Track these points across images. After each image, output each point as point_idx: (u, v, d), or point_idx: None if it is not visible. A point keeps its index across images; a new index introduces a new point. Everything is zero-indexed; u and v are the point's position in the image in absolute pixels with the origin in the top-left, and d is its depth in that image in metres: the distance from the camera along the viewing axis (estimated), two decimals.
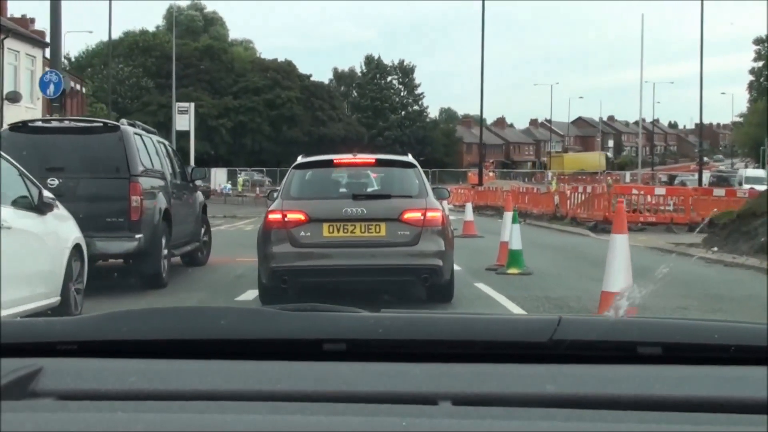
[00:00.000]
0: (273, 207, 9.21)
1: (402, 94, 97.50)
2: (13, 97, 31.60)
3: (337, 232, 8.92)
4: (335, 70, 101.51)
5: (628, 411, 1.22)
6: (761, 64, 76.47)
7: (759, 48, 76.43)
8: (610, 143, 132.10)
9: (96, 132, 10.74)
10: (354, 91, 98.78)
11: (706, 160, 68.70)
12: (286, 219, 8.90)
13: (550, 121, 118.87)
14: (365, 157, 10.07)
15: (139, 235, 10.27)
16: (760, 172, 49.16)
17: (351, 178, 10.29)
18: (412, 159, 10.01)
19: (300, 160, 9.96)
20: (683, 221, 22.48)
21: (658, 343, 1.49)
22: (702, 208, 23.24)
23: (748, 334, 1.52)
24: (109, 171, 10.33)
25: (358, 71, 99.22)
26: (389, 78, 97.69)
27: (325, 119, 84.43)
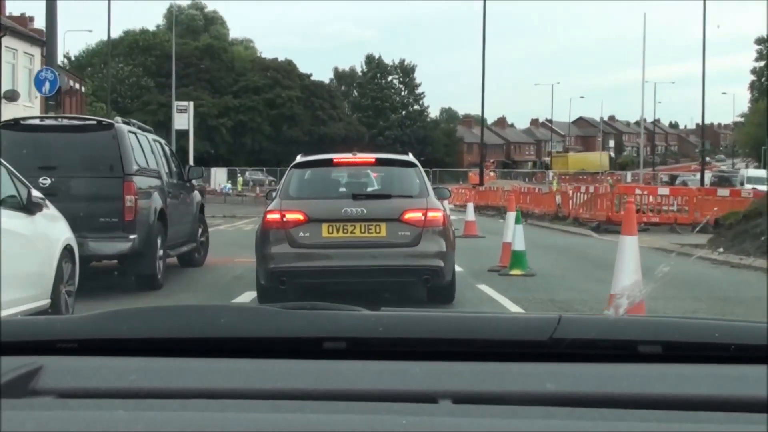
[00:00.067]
0: (271, 207, 9.08)
1: (402, 93, 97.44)
2: (11, 96, 31.41)
3: (337, 232, 8.79)
4: (336, 70, 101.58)
5: (628, 409, 1.21)
6: (763, 64, 76.28)
7: (761, 48, 76.22)
8: (611, 143, 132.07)
9: (90, 130, 10.51)
10: (354, 90, 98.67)
11: (708, 160, 68.72)
12: (285, 219, 8.77)
13: (551, 120, 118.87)
14: (365, 156, 9.93)
15: (134, 235, 10.05)
16: (762, 172, 49.02)
17: (351, 177, 10.18)
18: (413, 158, 9.88)
19: (299, 159, 9.82)
20: (687, 221, 22.28)
21: (658, 342, 1.49)
22: (706, 208, 23.02)
23: (748, 333, 1.53)
24: (103, 170, 10.10)
25: (359, 71, 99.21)
26: (390, 77, 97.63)
27: (326, 119, 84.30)
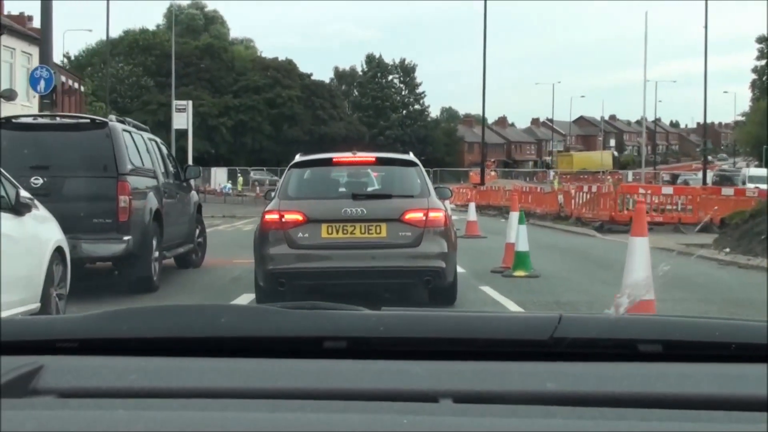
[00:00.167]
0: (270, 207, 8.93)
1: (403, 93, 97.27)
2: (9, 95, 31.19)
3: (336, 233, 8.64)
4: (336, 69, 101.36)
5: (628, 408, 1.21)
6: (764, 63, 76.06)
7: (762, 46, 76.00)
8: (612, 142, 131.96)
9: (83, 129, 10.26)
10: (355, 90, 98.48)
11: (710, 159, 68.64)
12: (284, 219, 8.63)
13: (551, 120, 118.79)
14: (365, 155, 9.79)
15: (128, 236, 9.82)
16: (763, 171, 48.79)
17: (350, 177, 10.02)
18: (414, 157, 9.72)
19: (298, 158, 9.64)
20: (692, 221, 22.03)
21: (658, 341, 1.49)
22: (710, 207, 22.80)
23: (748, 332, 1.53)
24: (96, 169, 9.85)
25: (359, 70, 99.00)
26: (390, 77, 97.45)
27: (326, 118, 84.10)
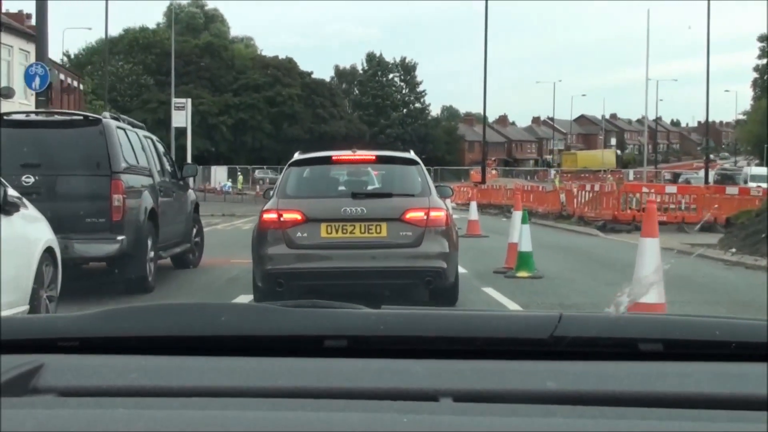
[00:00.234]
0: (268, 206, 8.75)
1: (404, 91, 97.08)
2: (7, 93, 30.95)
3: (336, 232, 8.48)
4: (336, 68, 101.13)
5: (629, 407, 1.21)
6: (765, 62, 75.85)
7: (763, 45, 75.79)
8: (613, 141, 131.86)
9: (76, 126, 10.01)
10: (355, 88, 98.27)
11: (712, 157, 68.54)
12: (282, 219, 8.47)
13: (552, 119, 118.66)
14: (365, 153, 9.60)
15: (122, 236, 9.59)
16: (765, 170, 48.65)
17: (350, 175, 9.85)
18: (414, 156, 9.54)
19: (297, 156, 9.46)
20: (695, 220, 21.81)
21: (658, 340, 1.49)
22: (714, 206, 22.59)
23: (748, 331, 1.52)
24: (89, 167, 9.61)
25: (360, 69, 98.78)
26: (391, 75, 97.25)
27: (327, 117, 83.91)
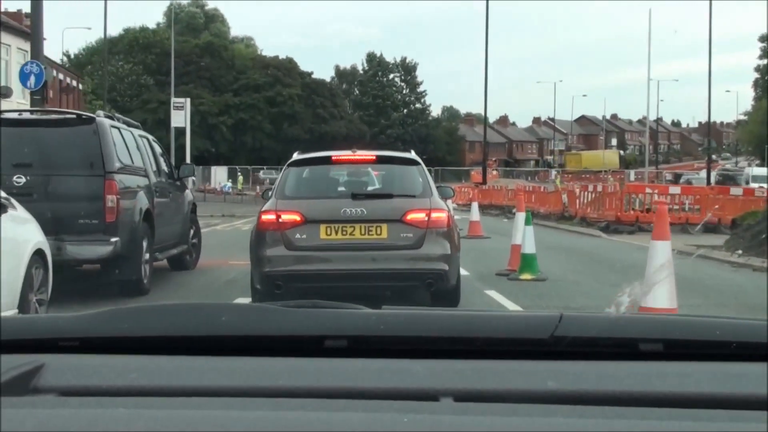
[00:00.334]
0: (266, 207, 8.58)
1: (404, 91, 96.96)
2: (5, 93, 30.77)
3: (335, 234, 8.32)
4: (337, 68, 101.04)
5: (629, 407, 1.21)
6: (766, 62, 75.65)
7: (764, 45, 75.60)
8: (614, 141, 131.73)
9: (69, 124, 9.78)
10: (356, 88, 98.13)
11: (714, 158, 68.41)
12: (281, 220, 8.29)
13: (553, 119, 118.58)
14: (365, 153, 9.42)
15: (115, 238, 9.36)
16: (766, 171, 48.48)
17: (350, 176, 9.68)
18: (415, 156, 9.36)
19: (295, 156, 9.28)
20: (699, 221, 21.58)
21: (659, 340, 1.49)
22: (719, 208, 22.38)
23: (748, 331, 1.52)
24: (83, 167, 9.38)
25: (360, 69, 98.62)
26: (391, 75, 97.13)
27: (327, 117, 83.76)
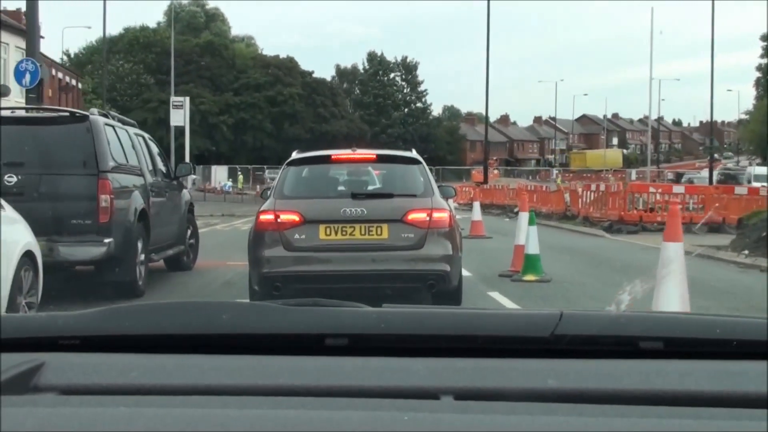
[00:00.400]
0: (265, 207, 8.41)
1: (405, 91, 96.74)
2: (3, 92, 30.61)
3: (335, 234, 8.16)
4: (337, 67, 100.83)
5: (629, 405, 1.21)
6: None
7: (766, 44, 75.37)
8: (615, 141, 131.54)
9: (62, 122, 9.55)
10: (356, 87, 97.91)
11: (716, 157, 68.29)
12: (279, 220, 8.13)
13: (554, 118, 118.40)
14: (365, 152, 9.27)
15: (109, 239, 9.15)
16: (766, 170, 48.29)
17: (350, 175, 9.47)
18: (416, 155, 9.16)
19: (294, 155, 9.09)
20: (707, 221, 21.35)
21: (659, 338, 1.49)
22: (722, 207, 22.17)
23: (748, 329, 1.51)
24: (75, 166, 9.16)
25: (361, 68, 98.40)
26: (392, 75, 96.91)
27: (328, 116, 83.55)
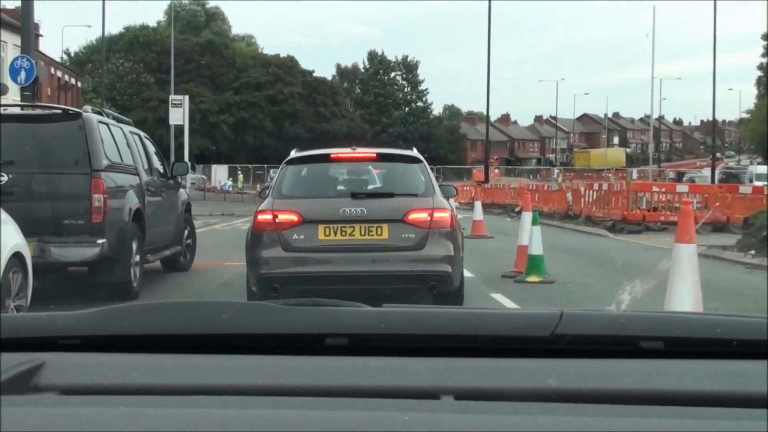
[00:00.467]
0: (263, 207, 8.26)
1: (406, 90, 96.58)
2: (2, 90, 30.39)
3: (334, 234, 8.01)
4: (338, 66, 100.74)
5: (629, 405, 1.20)
6: None
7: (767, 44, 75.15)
8: (615, 140, 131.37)
9: (54, 120, 9.34)
10: (357, 87, 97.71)
11: (718, 156, 68.16)
12: (277, 220, 7.98)
13: (555, 117, 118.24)
14: (365, 151, 9.07)
15: (102, 239, 8.94)
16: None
17: (350, 174, 9.29)
18: (417, 153, 9.00)
19: (293, 154, 8.92)
20: (708, 221, 21.16)
21: (659, 338, 1.48)
22: (726, 206, 21.97)
23: (749, 329, 1.51)
24: (68, 165, 8.96)
25: (361, 67, 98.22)
26: (393, 74, 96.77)
27: (328, 115, 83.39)
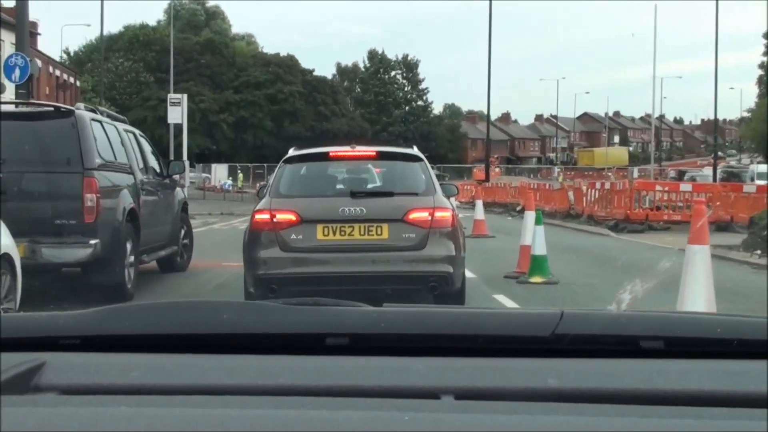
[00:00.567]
0: (260, 206, 8.10)
1: (406, 89, 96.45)
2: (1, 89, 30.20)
3: (333, 234, 7.87)
4: (338, 65, 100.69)
5: (630, 405, 1.20)
6: None
7: None
8: (616, 138, 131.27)
9: (46, 118, 9.16)
10: (357, 86, 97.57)
11: (720, 155, 68.15)
12: (275, 220, 7.84)
13: (555, 116, 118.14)
14: (365, 149, 8.92)
15: (95, 240, 8.76)
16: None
17: (349, 173, 9.13)
18: (418, 152, 8.84)
19: (291, 153, 8.77)
20: (712, 220, 20.95)
21: (660, 337, 1.47)
22: (730, 205, 21.79)
23: (749, 328, 1.51)
24: (60, 164, 8.78)
25: (362, 66, 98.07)
26: (393, 73, 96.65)
27: (328, 114, 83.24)
